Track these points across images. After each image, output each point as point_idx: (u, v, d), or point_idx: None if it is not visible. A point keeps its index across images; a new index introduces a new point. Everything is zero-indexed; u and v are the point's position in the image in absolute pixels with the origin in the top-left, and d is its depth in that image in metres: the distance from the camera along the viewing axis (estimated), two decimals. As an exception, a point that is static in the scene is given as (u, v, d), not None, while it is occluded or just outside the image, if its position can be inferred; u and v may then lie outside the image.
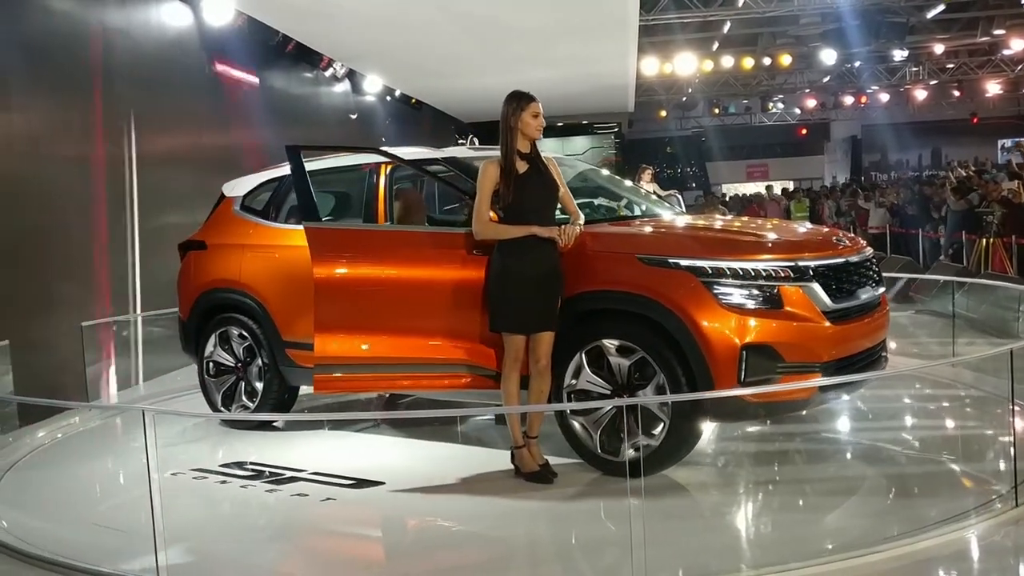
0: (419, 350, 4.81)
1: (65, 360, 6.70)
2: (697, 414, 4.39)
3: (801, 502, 4.39)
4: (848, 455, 5.23)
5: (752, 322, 4.24)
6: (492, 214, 4.52)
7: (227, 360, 6.03)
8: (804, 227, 5.75)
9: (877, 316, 4.83)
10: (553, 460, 4.67)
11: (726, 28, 18.22)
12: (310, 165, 5.84)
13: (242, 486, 4.85)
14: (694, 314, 4.25)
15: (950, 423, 6.07)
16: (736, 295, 4.29)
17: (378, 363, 4.88)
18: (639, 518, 3.77)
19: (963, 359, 7.02)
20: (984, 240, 12.00)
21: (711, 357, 4.22)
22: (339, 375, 4.88)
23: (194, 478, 5.00)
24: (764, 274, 4.33)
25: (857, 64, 24.14)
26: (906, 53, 22.09)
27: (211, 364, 6.07)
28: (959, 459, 5.04)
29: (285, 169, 5.89)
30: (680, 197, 8.95)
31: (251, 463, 5.22)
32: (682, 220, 5.62)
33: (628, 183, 6.63)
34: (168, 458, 5.21)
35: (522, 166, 4.48)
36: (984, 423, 5.92)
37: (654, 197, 6.66)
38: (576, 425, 4.60)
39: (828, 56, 19.96)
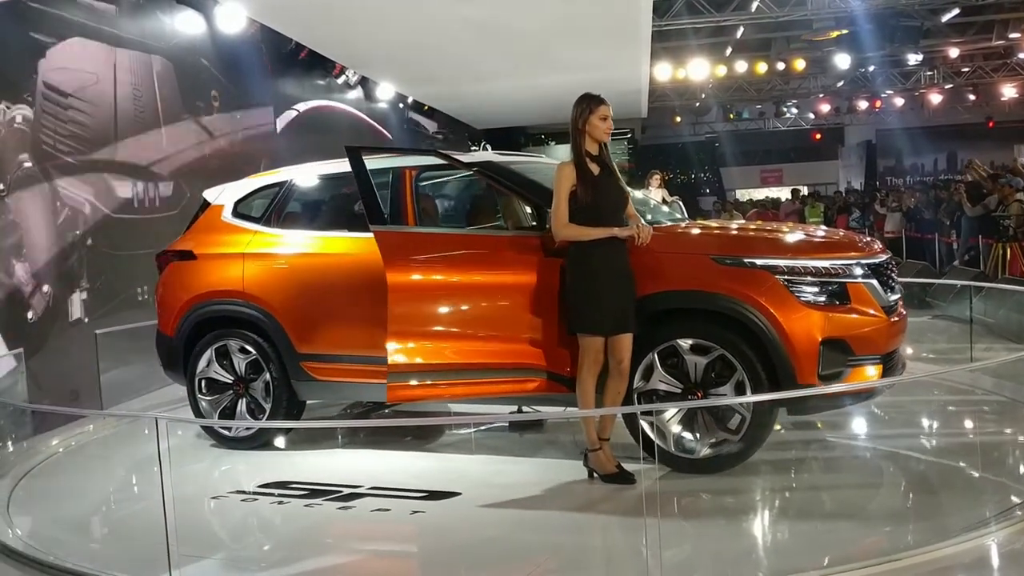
0: (493, 355, 4.72)
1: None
2: (776, 409, 4.53)
3: (818, 509, 4.34)
4: (866, 462, 5.17)
5: (828, 317, 4.42)
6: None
7: (225, 377, 5.67)
8: (825, 230, 5.86)
9: (902, 315, 4.99)
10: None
11: (739, 33, 18.16)
12: (331, 169, 5.85)
13: (306, 505, 4.66)
14: (776, 311, 4.39)
15: (969, 429, 6.00)
16: (810, 292, 4.46)
17: (452, 369, 4.73)
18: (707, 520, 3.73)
19: (982, 364, 6.94)
20: (1001, 245, 11.90)
21: (793, 352, 4.37)
22: (414, 383, 4.70)
23: (243, 500, 4.78)
24: (833, 271, 4.52)
25: (871, 68, 24.01)
26: (920, 57, 21.94)
27: (203, 382, 5.71)
28: (978, 466, 4.98)
29: (284, 175, 5.90)
30: (681, 204, 8.90)
31: (295, 482, 4.99)
32: (715, 224, 5.75)
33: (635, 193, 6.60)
34: (197, 481, 5.14)
35: (594, 168, 4.53)
36: (1004, 429, 5.86)
37: (655, 204, 6.59)
38: (645, 425, 4.61)
39: (842, 61, 19.85)
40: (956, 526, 3.86)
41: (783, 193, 28.55)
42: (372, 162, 5.16)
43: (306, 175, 5.92)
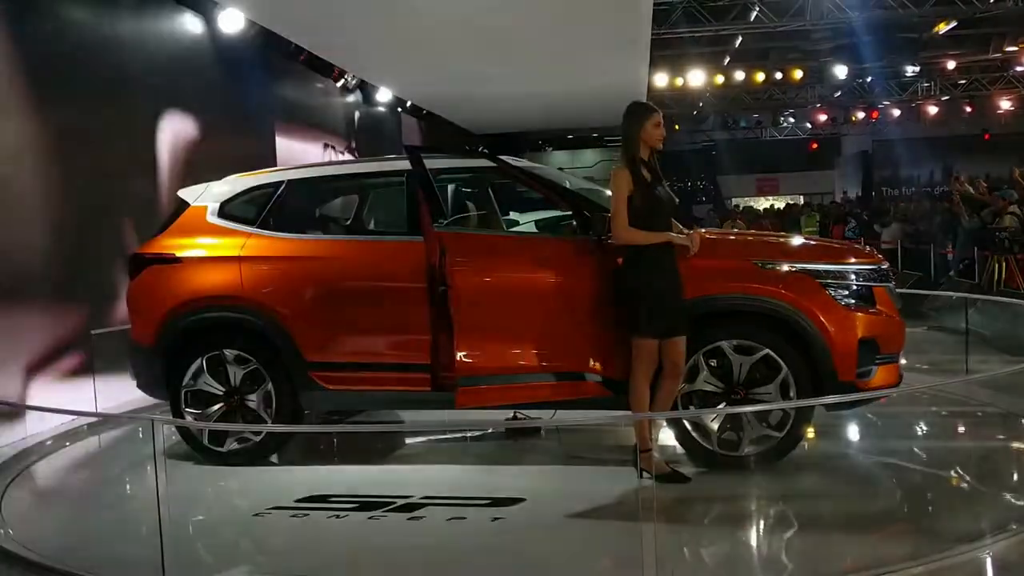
0: (554, 359, 4.71)
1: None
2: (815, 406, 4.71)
3: (812, 520, 4.33)
4: (861, 473, 5.17)
5: (862, 318, 4.70)
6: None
7: (216, 388, 5.30)
8: (815, 240, 5.99)
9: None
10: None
11: (738, 42, 18.21)
12: (330, 170, 5.82)
13: (370, 517, 4.47)
14: (819, 313, 4.65)
15: (964, 441, 6.00)
16: (845, 295, 4.73)
17: (519, 372, 4.70)
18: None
19: (979, 376, 6.96)
20: (997, 258, 11.93)
21: (835, 351, 4.63)
22: (484, 387, 4.64)
23: (292, 515, 4.55)
24: (862, 275, 4.82)
25: (869, 79, 24.10)
26: (918, 68, 22.05)
27: (189, 395, 5.31)
28: (974, 478, 4.98)
29: (277, 175, 5.66)
30: None
31: (335, 496, 4.83)
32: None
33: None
34: (226, 499, 5.05)
35: (647, 174, 4.63)
36: (999, 441, 5.86)
37: None
38: (688, 424, 4.77)
39: (840, 71, 19.92)
40: (951, 538, 3.86)
41: (779, 203, 28.63)
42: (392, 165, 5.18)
43: (304, 176, 5.70)
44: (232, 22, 9.29)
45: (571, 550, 4.04)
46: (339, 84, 13.17)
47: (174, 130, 8.51)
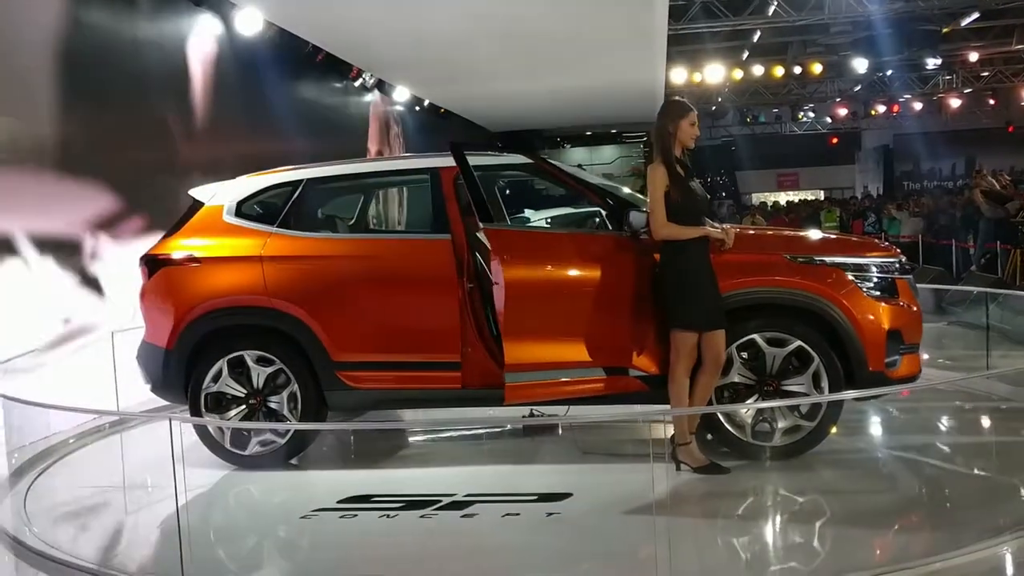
0: (597, 354, 4.77)
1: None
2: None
3: (829, 515, 4.32)
4: (880, 468, 5.15)
5: (888, 309, 4.83)
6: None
7: (237, 390, 5.24)
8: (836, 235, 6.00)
9: None
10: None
11: (756, 37, 18.11)
12: (352, 168, 5.79)
13: (421, 516, 4.46)
14: (851, 305, 4.77)
15: (985, 437, 5.96)
16: (872, 287, 4.86)
17: (566, 368, 4.76)
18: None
19: (999, 371, 6.90)
20: (1020, 252, 11.80)
21: (865, 342, 4.75)
22: (531, 382, 4.69)
23: (340, 516, 4.54)
24: (886, 268, 4.94)
25: (889, 73, 23.88)
26: (939, 61, 21.82)
27: (209, 398, 5.24)
28: (994, 474, 4.95)
29: (296, 174, 5.56)
30: None
31: (377, 495, 4.81)
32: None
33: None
34: (260, 502, 5.03)
35: (681, 170, 4.71)
36: (1020, 437, 5.81)
37: None
38: (721, 416, 4.85)
39: (859, 65, 19.77)
40: (970, 534, 3.83)
41: (794, 198, 28.43)
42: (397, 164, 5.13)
43: (324, 175, 5.62)
44: (250, 23, 9.35)
45: (636, 540, 4.07)
46: (357, 83, 13.22)
47: (193, 130, 8.58)
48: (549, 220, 6.67)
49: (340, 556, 4.15)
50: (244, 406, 5.25)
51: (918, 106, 27.73)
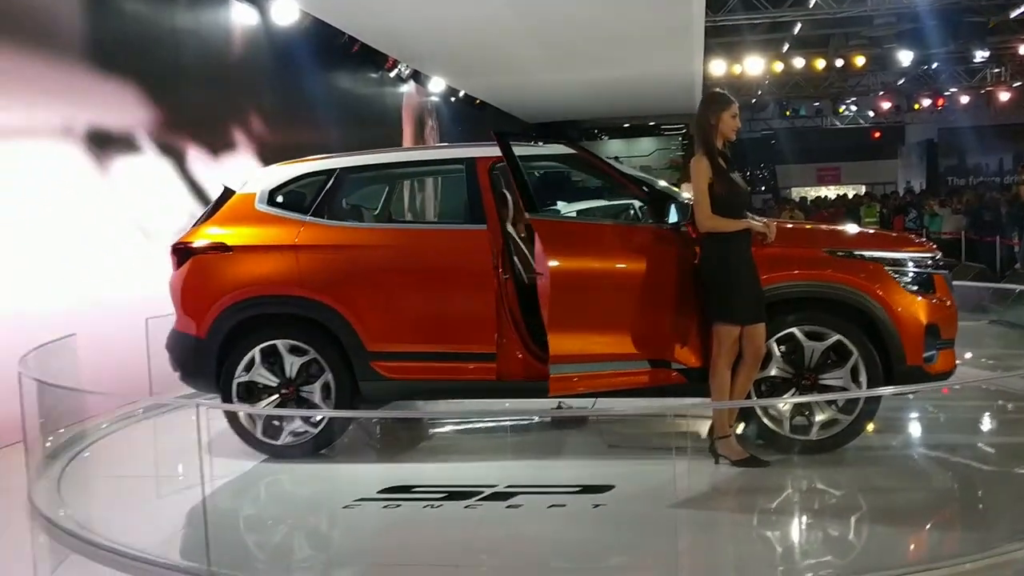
0: (641, 347, 4.78)
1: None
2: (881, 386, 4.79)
3: (865, 513, 4.28)
4: (914, 466, 5.10)
5: (926, 304, 4.84)
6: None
7: (269, 380, 5.22)
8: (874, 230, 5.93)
9: None
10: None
11: (797, 29, 17.86)
12: (385, 158, 5.78)
13: (467, 507, 4.45)
14: (890, 299, 4.78)
15: (1021, 437, 5.84)
16: (910, 282, 4.86)
17: (611, 360, 4.78)
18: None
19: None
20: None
21: (905, 336, 4.75)
22: (576, 374, 4.71)
23: (384, 507, 4.52)
24: (924, 263, 4.94)
25: (935, 65, 23.42)
26: (987, 54, 21.35)
27: (241, 387, 5.21)
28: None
29: (329, 163, 5.53)
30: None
31: (418, 486, 4.77)
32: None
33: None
34: (295, 493, 5.03)
35: (723, 163, 4.73)
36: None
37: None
38: (759, 410, 4.85)
39: (904, 57, 19.41)
40: (1002, 536, 3.77)
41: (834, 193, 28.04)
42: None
43: (358, 164, 5.59)
44: (286, 13, 9.41)
45: (678, 532, 4.08)
46: (392, 74, 13.26)
47: (229, 118, 8.67)
48: (577, 213, 6.64)
49: (395, 545, 4.14)
50: (276, 395, 5.23)
51: (965, 100, 27.17)
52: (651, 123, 24.47)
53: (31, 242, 6.31)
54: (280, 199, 5.46)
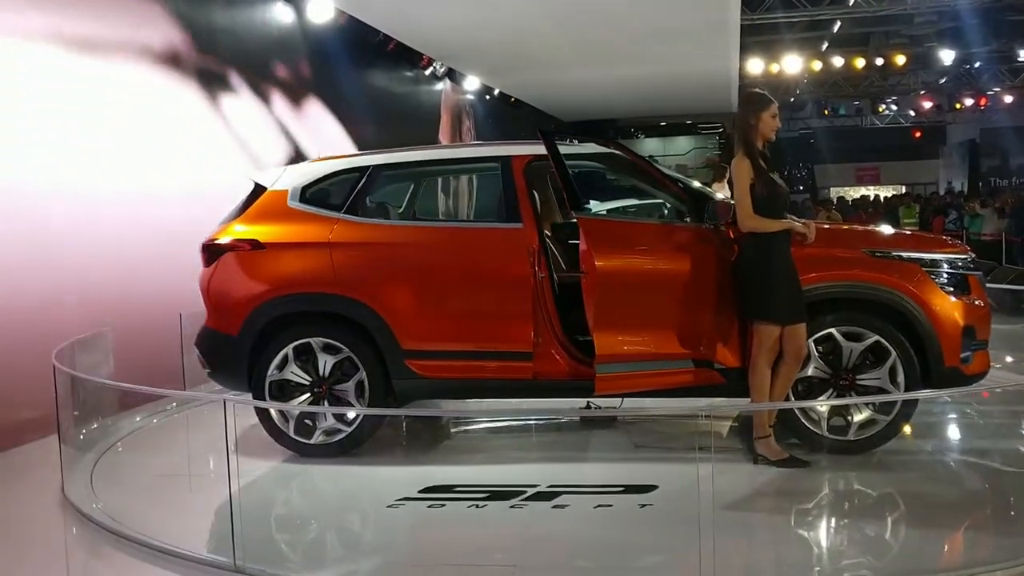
0: (684, 346, 4.80)
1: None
2: (919, 387, 4.78)
3: (900, 516, 4.23)
4: (947, 471, 5.02)
5: (963, 305, 4.84)
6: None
7: (303, 378, 5.17)
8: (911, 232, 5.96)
9: None
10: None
11: (836, 27, 17.64)
12: (419, 155, 5.77)
13: (511, 507, 4.40)
14: (928, 300, 4.78)
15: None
16: (947, 283, 4.87)
17: (657, 359, 4.80)
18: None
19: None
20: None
21: (943, 337, 4.76)
22: (621, 373, 4.73)
23: (428, 506, 4.47)
24: (960, 264, 4.96)
25: (976, 65, 23.04)
26: (1032, 53, 20.97)
27: (273, 385, 5.16)
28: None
29: (362, 160, 5.51)
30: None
31: (459, 486, 4.72)
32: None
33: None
34: (333, 493, 4.97)
35: (763, 163, 4.75)
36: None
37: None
38: (797, 410, 4.86)
39: (946, 56, 19.11)
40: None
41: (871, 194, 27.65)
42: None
43: (392, 161, 5.56)
44: (321, 11, 9.48)
45: (718, 533, 3.91)
46: (427, 72, 13.29)
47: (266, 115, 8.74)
48: (607, 212, 6.59)
49: (446, 544, 4.09)
50: (309, 394, 5.19)
51: (1008, 99, 26.71)
52: (688, 121, 24.31)
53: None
54: (313, 196, 5.40)
